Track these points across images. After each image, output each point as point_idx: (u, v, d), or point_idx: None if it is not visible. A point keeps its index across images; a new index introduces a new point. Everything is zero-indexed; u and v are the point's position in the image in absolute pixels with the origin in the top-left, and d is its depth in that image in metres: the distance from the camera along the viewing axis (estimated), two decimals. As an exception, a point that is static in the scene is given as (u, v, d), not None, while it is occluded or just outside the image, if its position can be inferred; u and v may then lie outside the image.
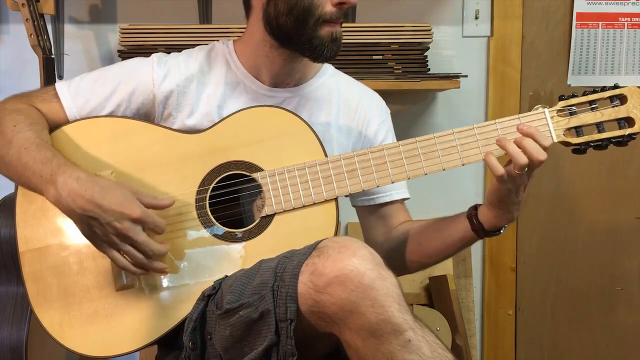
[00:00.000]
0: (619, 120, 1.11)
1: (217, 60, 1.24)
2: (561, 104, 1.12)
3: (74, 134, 1.15)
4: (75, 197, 1.00)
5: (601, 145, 1.11)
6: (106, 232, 1.01)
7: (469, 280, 2.05)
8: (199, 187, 1.13)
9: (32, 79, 1.78)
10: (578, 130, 1.11)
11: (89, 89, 1.19)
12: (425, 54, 1.87)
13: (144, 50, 1.78)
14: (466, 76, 1.85)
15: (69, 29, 1.96)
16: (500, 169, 1.05)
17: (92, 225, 1.01)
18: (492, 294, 2.10)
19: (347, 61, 1.80)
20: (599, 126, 1.11)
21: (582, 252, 2.12)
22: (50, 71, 1.71)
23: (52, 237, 1.11)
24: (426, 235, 1.22)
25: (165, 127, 1.18)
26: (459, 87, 1.83)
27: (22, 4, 1.66)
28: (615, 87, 1.11)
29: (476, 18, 2.02)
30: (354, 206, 1.34)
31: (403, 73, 1.83)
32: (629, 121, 1.11)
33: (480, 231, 1.14)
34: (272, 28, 1.16)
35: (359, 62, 1.82)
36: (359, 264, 0.88)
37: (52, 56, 1.73)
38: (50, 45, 1.73)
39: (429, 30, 1.84)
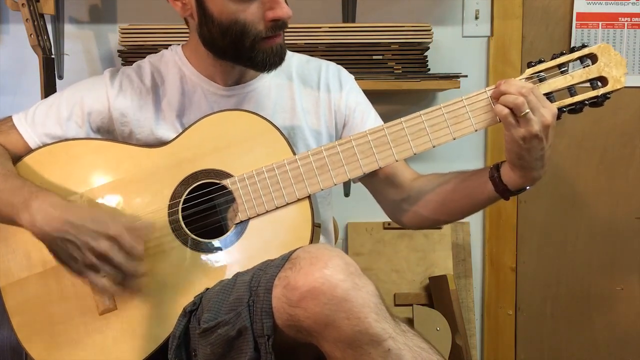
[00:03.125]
0: (591, 80, 1.07)
1: (168, 69, 1.22)
2: (528, 71, 1.08)
3: (39, 161, 1.14)
4: (50, 220, 0.99)
5: (575, 108, 1.07)
6: (83, 254, 0.99)
7: (469, 280, 2.05)
8: (170, 201, 1.11)
9: (32, 79, 1.78)
10: (549, 96, 1.06)
11: (46, 115, 1.17)
12: (425, 54, 1.87)
13: (144, 50, 1.77)
14: (466, 76, 1.85)
15: (69, 29, 1.96)
16: (504, 109, 1.02)
17: (69, 249, 0.99)
18: (492, 294, 2.10)
19: (347, 61, 1.79)
20: (571, 90, 1.07)
21: (582, 252, 2.12)
22: (50, 71, 1.71)
23: (30, 268, 1.10)
24: (450, 196, 1.19)
25: (130, 144, 1.16)
26: (459, 87, 1.83)
27: (22, 4, 1.66)
28: (584, 46, 1.08)
29: (476, 18, 2.01)
30: (355, 182, 1.32)
31: (403, 73, 1.83)
32: (602, 80, 1.06)
33: (505, 192, 1.11)
34: (211, 49, 1.14)
35: (359, 62, 1.82)
36: (330, 276, 0.86)
37: (52, 56, 1.73)
38: (50, 45, 1.73)
39: (429, 30, 1.84)
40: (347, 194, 1.98)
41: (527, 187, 1.11)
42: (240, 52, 1.11)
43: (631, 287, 2.13)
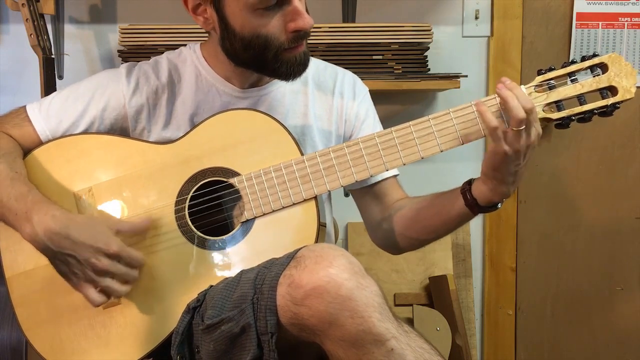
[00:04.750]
0: (601, 90, 1.06)
1: (185, 67, 1.22)
2: (538, 78, 1.08)
3: (49, 154, 1.14)
4: (52, 235, 1.00)
5: (584, 117, 1.07)
6: (83, 269, 1.01)
7: (469, 280, 2.05)
8: (177, 197, 1.11)
9: (32, 79, 1.79)
10: (559, 104, 1.06)
11: (61, 108, 1.18)
12: (425, 54, 1.87)
13: (144, 51, 1.78)
14: (466, 76, 1.85)
15: (69, 29, 1.96)
16: (494, 120, 1.02)
17: (69, 263, 1.01)
18: (492, 294, 2.10)
19: (347, 61, 1.80)
20: (581, 98, 1.06)
21: (582, 252, 2.12)
22: (50, 71, 1.71)
23: (36, 260, 1.10)
24: (423, 213, 1.20)
25: (140, 140, 1.17)
26: (459, 87, 1.83)
27: (22, 4, 1.66)
28: (595, 55, 1.07)
29: (476, 18, 2.02)
30: (349, 191, 1.32)
31: (403, 73, 1.83)
32: (611, 90, 1.06)
33: (474, 207, 1.11)
34: (233, 60, 1.14)
35: (359, 62, 1.82)
36: (335, 275, 0.86)
37: (52, 56, 1.73)
38: (50, 45, 1.73)
39: (429, 30, 1.84)
40: (347, 194, 1.98)
41: (499, 205, 1.11)
42: (263, 64, 1.11)
43: (631, 287, 2.13)
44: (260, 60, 1.10)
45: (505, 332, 2.12)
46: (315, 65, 1.29)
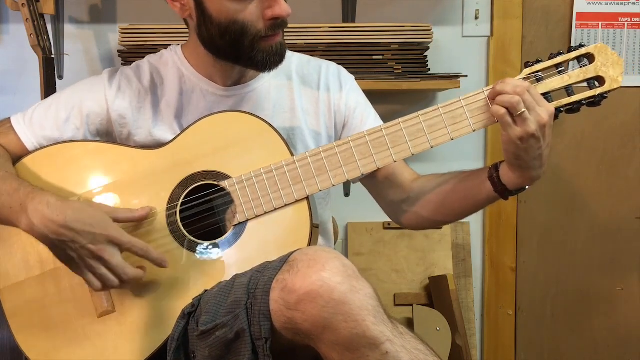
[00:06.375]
0: (588, 80, 1.07)
1: (168, 69, 1.22)
2: (526, 71, 1.08)
3: (37, 163, 1.14)
4: (48, 223, 0.98)
5: (573, 108, 1.07)
6: (81, 256, 0.99)
7: (469, 280, 2.05)
8: (167, 203, 1.11)
9: (32, 79, 1.78)
10: (547, 96, 1.06)
11: (44, 117, 1.17)
12: (425, 54, 1.87)
13: (144, 51, 1.78)
14: (466, 76, 1.85)
15: (69, 29, 1.96)
16: (501, 108, 1.02)
17: (67, 250, 0.99)
18: (492, 294, 2.10)
19: (347, 61, 1.79)
20: (568, 89, 1.07)
21: (582, 252, 2.12)
22: (50, 71, 1.71)
23: (28, 270, 1.09)
24: (450, 198, 1.19)
25: (128, 146, 1.16)
26: (459, 87, 1.83)
27: (22, 4, 1.66)
28: (581, 46, 1.08)
29: (476, 18, 2.01)
30: (355, 182, 1.32)
31: (403, 73, 1.83)
32: (599, 80, 1.07)
33: (504, 192, 1.11)
34: (210, 49, 1.14)
35: (359, 62, 1.82)
36: (328, 279, 0.85)
37: (52, 56, 1.73)
38: (50, 45, 1.73)
39: (429, 30, 1.84)
40: (347, 194, 1.98)
41: (527, 187, 1.11)
42: (240, 52, 1.10)
43: (631, 287, 2.13)
44: (236, 47, 1.10)
45: (505, 332, 2.12)
46: (299, 59, 1.29)
